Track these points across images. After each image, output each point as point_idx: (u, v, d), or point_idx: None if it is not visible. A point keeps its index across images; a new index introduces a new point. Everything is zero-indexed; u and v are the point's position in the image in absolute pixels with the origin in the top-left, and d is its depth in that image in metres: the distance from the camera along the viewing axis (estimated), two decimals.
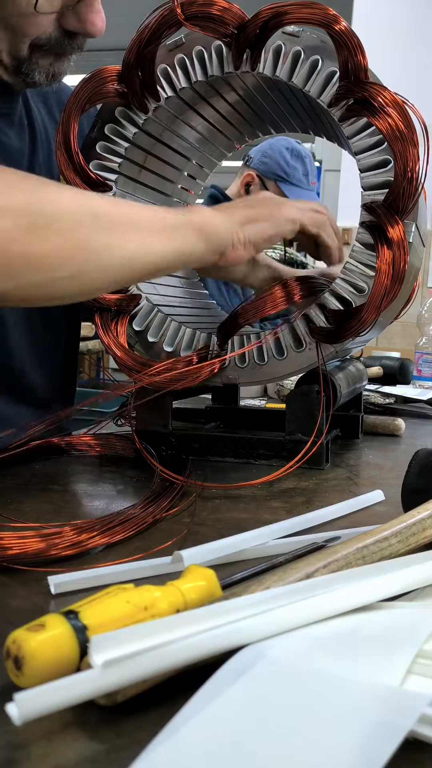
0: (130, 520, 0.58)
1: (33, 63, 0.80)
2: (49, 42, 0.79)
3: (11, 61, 0.80)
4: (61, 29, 0.79)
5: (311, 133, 1.01)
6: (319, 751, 0.27)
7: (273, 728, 0.29)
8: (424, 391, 1.46)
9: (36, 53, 0.80)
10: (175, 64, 0.85)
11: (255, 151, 2.07)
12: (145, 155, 0.93)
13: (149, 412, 0.87)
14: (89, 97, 0.84)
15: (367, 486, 0.73)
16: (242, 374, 0.83)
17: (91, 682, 0.31)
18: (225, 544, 0.52)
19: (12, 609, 0.44)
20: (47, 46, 0.79)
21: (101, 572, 0.48)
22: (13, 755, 0.30)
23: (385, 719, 0.29)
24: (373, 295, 0.75)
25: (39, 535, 0.52)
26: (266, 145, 2.07)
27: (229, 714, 0.30)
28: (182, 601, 0.38)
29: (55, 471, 0.80)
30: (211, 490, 0.72)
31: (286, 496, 0.71)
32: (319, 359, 0.79)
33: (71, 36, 0.80)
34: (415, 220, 0.75)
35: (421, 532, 0.47)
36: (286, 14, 0.76)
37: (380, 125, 0.73)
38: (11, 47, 0.79)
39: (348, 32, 0.74)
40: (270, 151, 2.04)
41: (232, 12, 0.79)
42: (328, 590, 0.38)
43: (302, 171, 2.03)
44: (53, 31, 0.78)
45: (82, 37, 0.81)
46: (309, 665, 0.34)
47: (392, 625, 0.37)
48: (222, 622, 0.35)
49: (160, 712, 0.32)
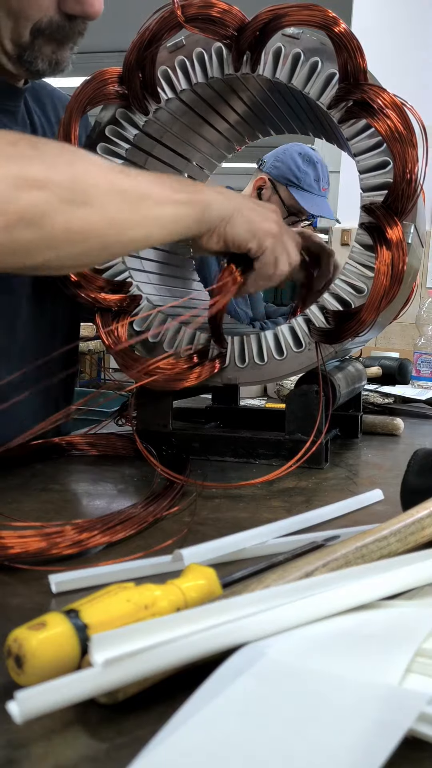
0: (130, 520, 0.58)
1: (36, 50, 0.81)
2: (50, 26, 0.79)
3: (14, 48, 0.81)
4: (61, 13, 0.80)
5: (311, 135, 1.01)
6: (318, 749, 0.27)
7: (273, 726, 0.29)
8: (423, 390, 1.47)
9: (38, 39, 0.80)
10: (176, 65, 0.85)
11: (268, 155, 2.09)
12: (145, 157, 0.93)
13: (150, 412, 0.87)
14: (90, 99, 0.84)
15: (367, 485, 0.73)
16: (242, 374, 0.83)
17: (92, 681, 0.31)
18: (225, 543, 0.52)
19: (13, 608, 0.44)
20: (48, 30, 0.80)
21: (102, 571, 0.48)
22: (14, 754, 0.30)
23: (385, 718, 0.29)
24: (372, 296, 0.75)
25: (40, 535, 0.52)
26: (280, 149, 2.08)
27: (229, 712, 0.30)
28: (182, 599, 0.39)
29: (55, 471, 0.80)
30: (211, 490, 0.72)
31: (286, 495, 0.71)
32: (319, 359, 0.79)
33: (71, 19, 0.81)
34: (414, 221, 0.76)
35: (420, 531, 0.47)
36: (285, 16, 0.76)
37: (379, 127, 0.74)
38: (13, 34, 0.80)
39: (347, 34, 0.74)
40: (283, 155, 2.06)
41: (232, 14, 0.79)
42: (328, 589, 0.38)
43: (314, 176, 2.04)
44: (54, 14, 0.79)
45: (81, 21, 0.82)
46: (309, 664, 0.34)
47: (391, 624, 0.38)
48: (222, 621, 0.35)
49: (161, 710, 0.33)
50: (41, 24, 0.79)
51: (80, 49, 0.85)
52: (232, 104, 0.95)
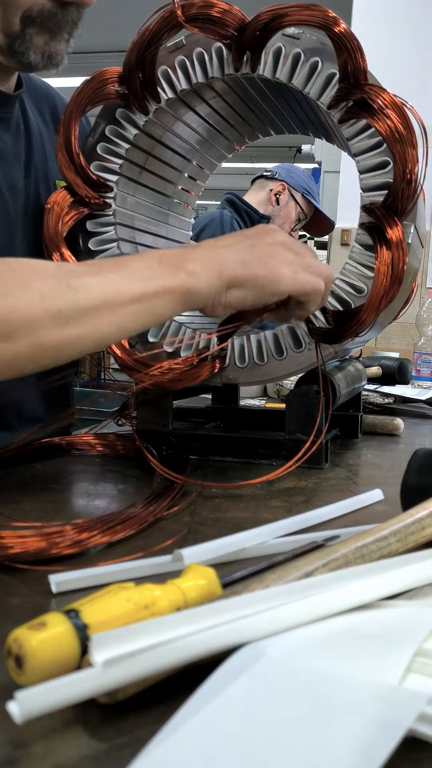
0: (130, 519, 0.58)
1: (27, 40, 0.78)
2: (41, 14, 0.77)
3: (3, 38, 0.79)
4: (54, 0, 0.78)
5: (311, 135, 1.01)
6: (318, 749, 0.27)
7: (273, 726, 0.29)
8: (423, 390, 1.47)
9: (29, 28, 0.78)
10: (176, 65, 0.85)
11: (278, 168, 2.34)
12: (145, 156, 0.93)
13: (150, 412, 0.87)
14: (90, 99, 0.84)
15: (366, 485, 0.73)
16: (242, 374, 0.83)
17: (92, 681, 0.31)
18: (225, 543, 0.52)
19: (13, 607, 0.44)
20: (40, 18, 0.77)
21: (102, 571, 0.48)
22: (14, 753, 0.30)
23: (385, 717, 0.29)
24: (372, 296, 0.75)
25: (40, 534, 0.52)
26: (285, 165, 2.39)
27: (229, 712, 0.30)
28: (182, 599, 0.39)
29: (55, 471, 0.80)
30: (211, 490, 0.72)
31: (286, 495, 0.71)
32: (319, 359, 0.79)
33: (64, 6, 0.78)
34: (414, 221, 0.76)
35: (420, 531, 0.47)
36: (286, 16, 0.76)
37: (379, 127, 0.74)
38: (2, 22, 0.77)
39: (347, 34, 0.74)
40: (293, 169, 2.36)
41: (232, 14, 0.79)
42: (328, 589, 0.38)
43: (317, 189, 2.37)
44: (45, 1, 0.76)
45: (75, 9, 0.79)
46: (309, 664, 0.34)
47: (391, 624, 0.38)
48: (222, 621, 0.35)
49: (161, 710, 0.33)
50: (32, 12, 0.76)
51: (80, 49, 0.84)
52: (232, 104, 0.95)
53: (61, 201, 0.85)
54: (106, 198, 0.88)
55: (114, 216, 0.89)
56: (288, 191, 2.27)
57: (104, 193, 0.88)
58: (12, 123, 0.90)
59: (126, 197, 0.92)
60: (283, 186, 2.26)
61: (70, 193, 0.86)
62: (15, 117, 0.91)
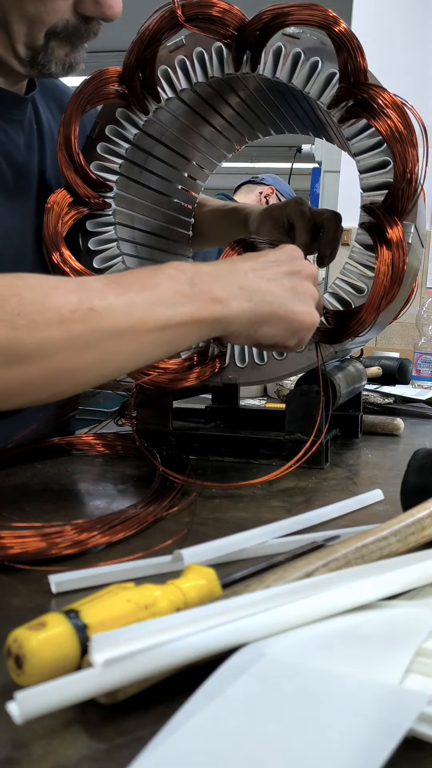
0: (130, 520, 0.58)
1: (49, 53, 0.78)
2: (66, 29, 0.77)
3: (27, 52, 0.78)
4: (78, 15, 0.78)
5: (311, 135, 1.01)
6: (318, 749, 0.27)
7: (273, 727, 0.29)
8: (423, 391, 1.47)
9: (52, 41, 0.78)
10: (176, 65, 0.85)
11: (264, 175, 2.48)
12: (145, 156, 0.93)
13: (150, 412, 0.87)
14: (90, 98, 0.84)
15: (367, 485, 0.73)
16: (242, 374, 0.83)
17: (92, 681, 0.31)
18: (225, 543, 0.52)
19: (13, 608, 0.44)
20: (64, 33, 0.77)
21: (102, 571, 0.48)
22: (13, 754, 0.30)
23: (385, 718, 0.29)
24: (372, 296, 0.75)
25: (40, 534, 0.52)
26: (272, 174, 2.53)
27: (229, 712, 0.30)
28: (182, 599, 0.39)
29: (55, 471, 0.80)
30: (212, 490, 0.72)
31: (286, 495, 0.71)
32: (319, 359, 0.79)
33: (87, 21, 0.78)
34: (414, 221, 0.76)
35: (420, 531, 0.47)
36: (286, 16, 0.76)
37: (380, 127, 0.74)
38: (27, 38, 0.77)
39: (348, 34, 0.74)
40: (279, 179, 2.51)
41: (232, 13, 0.79)
42: (328, 589, 0.38)
43: None
44: (70, 17, 0.77)
45: (97, 22, 0.79)
46: (309, 664, 0.34)
47: (392, 624, 0.38)
48: (222, 621, 0.35)
49: (161, 710, 0.33)
50: (57, 27, 0.77)
51: None
52: (232, 104, 0.95)
53: (60, 201, 0.85)
54: (106, 198, 0.88)
55: (114, 216, 0.89)
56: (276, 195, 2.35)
57: (104, 192, 0.88)
58: (25, 124, 0.90)
59: (126, 197, 0.92)
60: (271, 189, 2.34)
61: (70, 192, 0.86)
62: (28, 118, 0.90)
